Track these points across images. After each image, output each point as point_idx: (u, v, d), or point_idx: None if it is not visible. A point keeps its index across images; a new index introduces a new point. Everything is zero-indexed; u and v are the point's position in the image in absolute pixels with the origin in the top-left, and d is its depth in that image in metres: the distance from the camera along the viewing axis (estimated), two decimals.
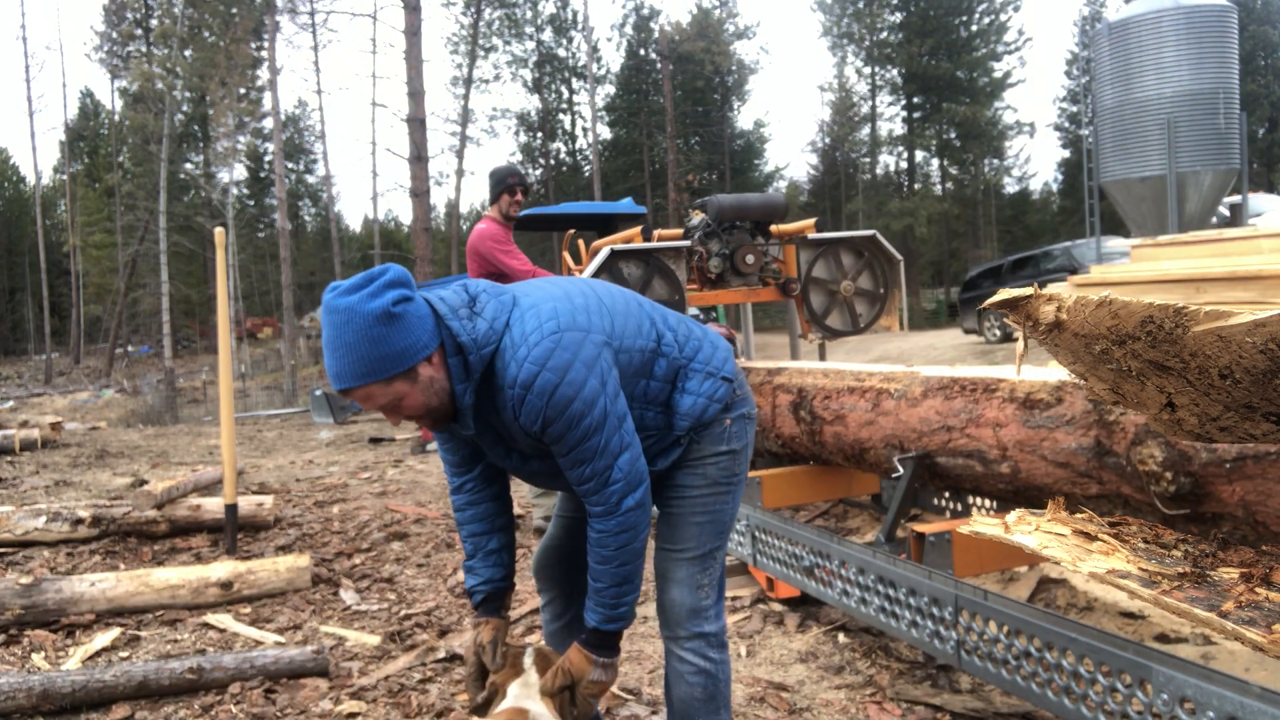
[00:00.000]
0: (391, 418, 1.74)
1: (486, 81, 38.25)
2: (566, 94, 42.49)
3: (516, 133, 41.83)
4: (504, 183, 5.05)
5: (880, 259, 5.46)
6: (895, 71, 37.19)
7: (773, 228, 5.31)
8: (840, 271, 5.38)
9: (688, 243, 5.11)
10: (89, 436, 11.91)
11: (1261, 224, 11.49)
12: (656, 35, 38.88)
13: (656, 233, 5.25)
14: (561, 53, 40.96)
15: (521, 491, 5.35)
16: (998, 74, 36.35)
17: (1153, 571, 1.72)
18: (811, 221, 5.49)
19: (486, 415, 1.82)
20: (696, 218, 5.28)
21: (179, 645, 3.47)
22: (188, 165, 34.26)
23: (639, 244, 5.00)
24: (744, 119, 56.91)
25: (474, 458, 2.05)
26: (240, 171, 35.43)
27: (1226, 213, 12.88)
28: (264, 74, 28.72)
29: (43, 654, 3.37)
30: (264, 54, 27.29)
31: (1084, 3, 42.55)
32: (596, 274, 4.76)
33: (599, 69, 40.79)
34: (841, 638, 3.29)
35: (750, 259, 5.04)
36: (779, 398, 3.77)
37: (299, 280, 35.56)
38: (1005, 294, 1.60)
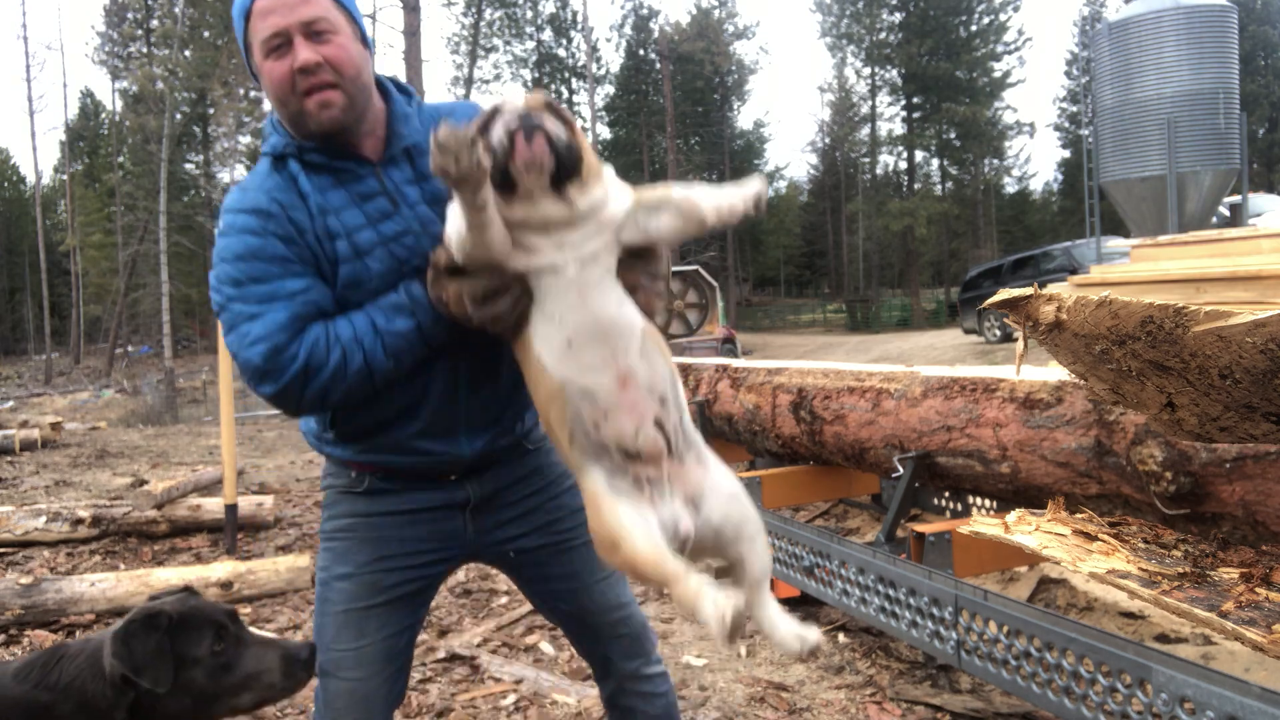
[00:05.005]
0: (308, 54, 1.41)
1: (486, 82, 38.27)
2: (566, 94, 42.54)
3: None
4: None
5: (703, 284, 7.15)
6: (895, 71, 37.22)
7: None
8: (673, 293, 6.98)
9: None
10: (89, 436, 11.91)
11: (1261, 224, 11.50)
12: (656, 35, 38.91)
13: None
14: (561, 53, 41.02)
15: None
16: (997, 74, 36.39)
17: (1153, 571, 1.73)
18: None
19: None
20: None
21: None
22: (188, 165, 34.25)
23: None
24: (744, 119, 57.06)
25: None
26: (240, 171, 35.40)
27: (1226, 213, 12.87)
28: None
29: None
30: None
31: (1084, 3, 42.67)
32: None
33: (599, 69, 40.86)
34: (841, 638, 3.29)
35: None
36: (779, 398, 3.77)
37: None
38: (1005, 294, 1.60)
